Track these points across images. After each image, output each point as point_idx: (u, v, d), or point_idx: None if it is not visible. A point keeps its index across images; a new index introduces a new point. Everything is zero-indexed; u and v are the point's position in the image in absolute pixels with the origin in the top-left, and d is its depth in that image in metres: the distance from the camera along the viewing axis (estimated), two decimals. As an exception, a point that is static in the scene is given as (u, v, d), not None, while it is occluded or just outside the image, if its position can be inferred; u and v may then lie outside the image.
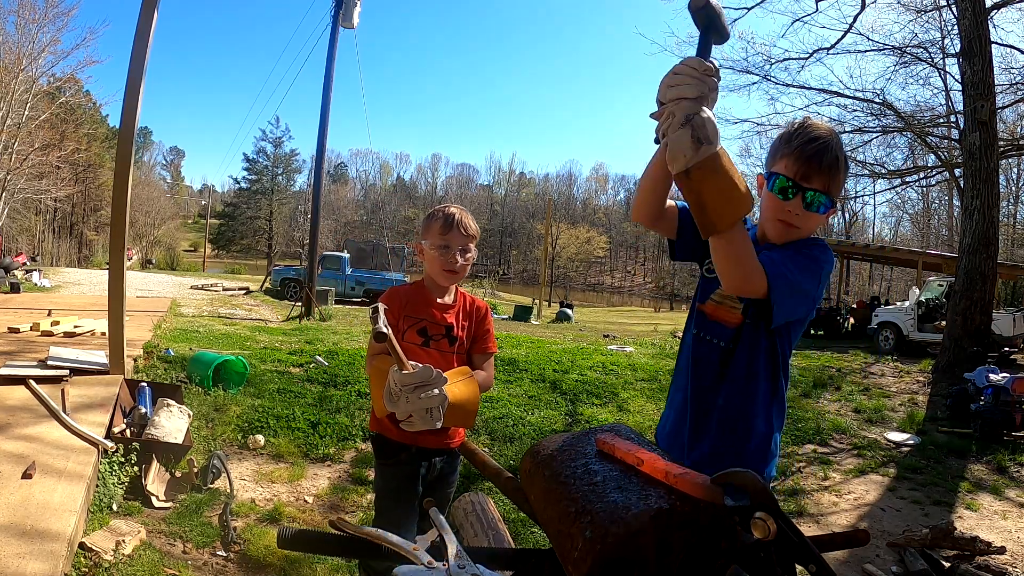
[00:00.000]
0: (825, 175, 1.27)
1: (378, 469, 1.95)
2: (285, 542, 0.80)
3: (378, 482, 1.95)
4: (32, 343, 5.43)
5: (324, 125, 12.39)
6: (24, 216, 30.50)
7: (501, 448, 4.50)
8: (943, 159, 12.48)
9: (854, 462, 4.94)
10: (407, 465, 1.83)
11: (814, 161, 1.26)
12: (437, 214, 1.85)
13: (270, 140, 51.31)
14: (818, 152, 1.26)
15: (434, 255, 1.81)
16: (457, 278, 1.86)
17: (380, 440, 1.87)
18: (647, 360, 7.80)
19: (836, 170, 1.28)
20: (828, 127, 1.34)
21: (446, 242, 1.80)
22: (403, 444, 1.82)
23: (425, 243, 1.84)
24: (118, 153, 4.43)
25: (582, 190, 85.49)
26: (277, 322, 10.86)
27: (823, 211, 1.29)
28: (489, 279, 34.41)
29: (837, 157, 1.27)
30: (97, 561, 2.41)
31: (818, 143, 1.26)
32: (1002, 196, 16.36)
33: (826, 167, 1.26)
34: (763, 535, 0.58)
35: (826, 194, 1.28)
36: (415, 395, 1.38)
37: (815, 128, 1.30)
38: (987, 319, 8.33)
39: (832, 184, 1.28)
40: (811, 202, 1.27)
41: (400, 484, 1.85)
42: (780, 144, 1.33)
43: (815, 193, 1.27)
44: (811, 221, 1.30)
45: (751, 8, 11.27)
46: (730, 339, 1.37)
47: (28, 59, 22.50)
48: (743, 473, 0.60)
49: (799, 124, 1.33)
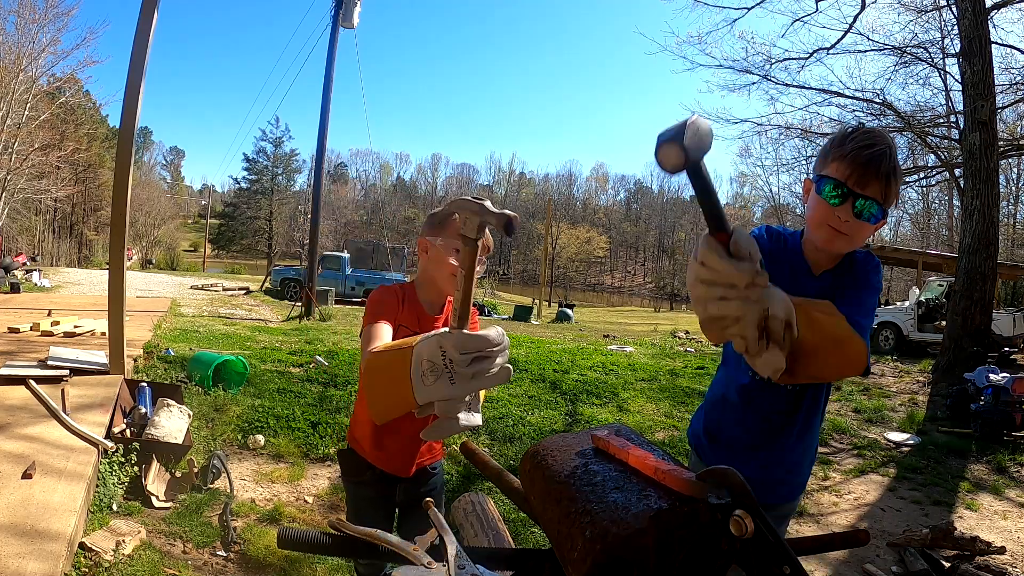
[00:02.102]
0: (881, 183, 1.17)
1: (346, 489, 1.85)
2: (285, 542, 0.80)
3: (348, 503, 1.85)
4: (32, 343, 5.43)
5: (324, 125, 12.40)
6: (24, 216, 30.49)
7: (501, 448, 4.50)
8: (943, 159, 12.48)
9: (854, 462, 4.94)
10: (371, 486, 1.71)
11: (871, 167, 1.16)
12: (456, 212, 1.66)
13: (270, 140, 51.34)
14: (875, 158, 1.16)
15: (447, 256, 1.56)
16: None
17: (345, 455, 1.74)
18: (647, 360, 7.80)
19: (893, 179, 1.18)
20: (886, 134, 1.25)
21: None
22: (367, 463, 1.68)
23: (437, 240, 1.58)
24: (118, 153, 4.42)
25: (582, 190, 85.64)
26: (277, 322, 10.85)
27: (874, 221, 1.20)
28: (489, 279, 34.42)
29: (895, 166, 1.18)
30: (97, 561, 2.41)
31: (876, 149, 1.16)
32: (1002, 196, 16.38)
33: (883, 175, 1.16)
34: (739, 533, 0.58)
35: (879, 203, 1.18)
36: (474, 369, 0.87)
37: (872, 133, 1.20)
38: (987, 319, 8.32)
39: (888, 193, 1.18)
40: (861, 210, 1.18)
41: (365, 507, 1.74)
42: (832, 146, 1.23)
43: (867, 201, 1.17)
44: (862, 231, 1.21)
45: (751, 8, 11.27)
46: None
47: (28, 59, 22.49)
48: (725, 470, 0.60)
49: (854, 127, 1.23)
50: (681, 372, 7.19)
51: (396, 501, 1.78)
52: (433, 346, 0.87)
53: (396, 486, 1.74)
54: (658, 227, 76.32)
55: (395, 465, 1.70)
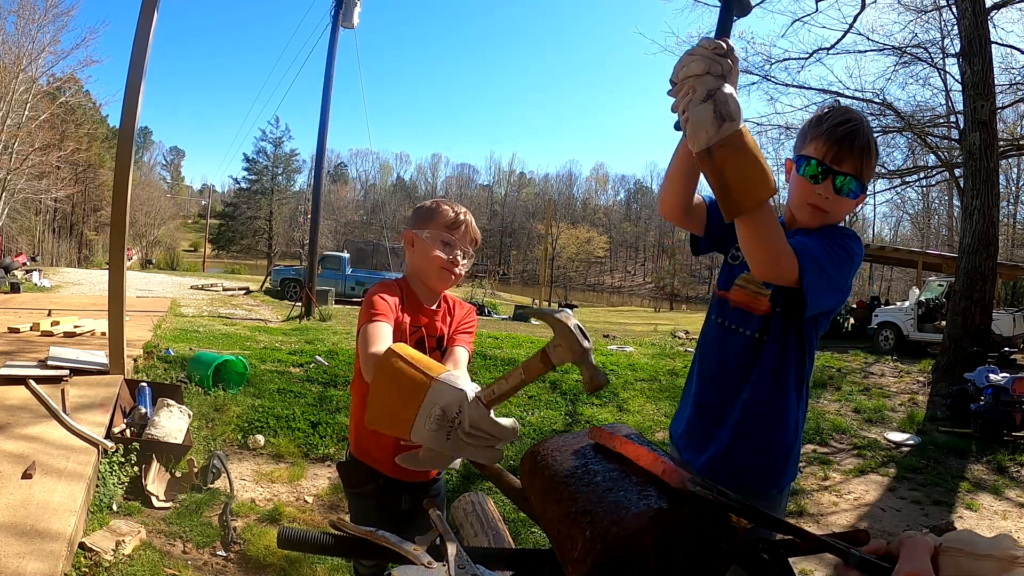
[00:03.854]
0: (856, 158, 1.23)
1: (348, 500, 1.80)
2: (285, 542, 0.80)
3: (351, 513, 1.81)
4: (32, 343, 5.43)
5: (324, 125, 12.40)
6: (24, 216, 30.49)
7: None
8: (943, 159, 12.47)
9: (854, 462, 4.94)
10: (375, 496, 1.65)
11: (845, 144, 1.22)
12: (443, 206, 1.63)
13: (270, 140, 51.32)
14: (849, 134, 1.22)
15: (434, 248, 1.57)
16: (452, 282, 1.63)
17: (346, 466, 1.69)
18: (647, 360, 7.80)
19: (868, 154, 1.24)
20: (858, 112, 1.31)
21: (451, 238, 1.59)
22: (371, 472, 1.62)
23: (423, 233, 1.58)
24: (118, 153, 4.42)
25: (582, 190, 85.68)
26: (277, 322, 10.85)
27: (853, 196, 1.26)
28: (489, 279, 34.43)
29: (868, 140, 1.24)
30: (97, 561, 2.41)
31: (849, 125, 1.23)
32: (1002, 196, 16.37)
33: (857, 150, 1.22)
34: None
35: (857, 178, 1.25)
36: (474, 442, 0.86)
37: (845, 111, 1.27)
38: (987, 319, 8.32)
39: (864, 168, 1.25)
40: (841, 186, 1.24)
41: (370, 517, 1.67)
42: (809, 127, 1.29)
43: (845, 177, 1.24)
44: (841, 206, 1.27)
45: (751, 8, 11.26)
46: (758, 328, 1.32)
47: (28, 59, 22.50)
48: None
49: (829, 107, 1.30)
50: (681, 372, 7.18)
51: (401, 510, 1.73)
52: (454, 402, 0.84)
53: (401, 495, 1.70)
54: (658, 227, 76.26)
55: (406, 471, 1.67)
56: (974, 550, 0.53)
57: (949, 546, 0.55)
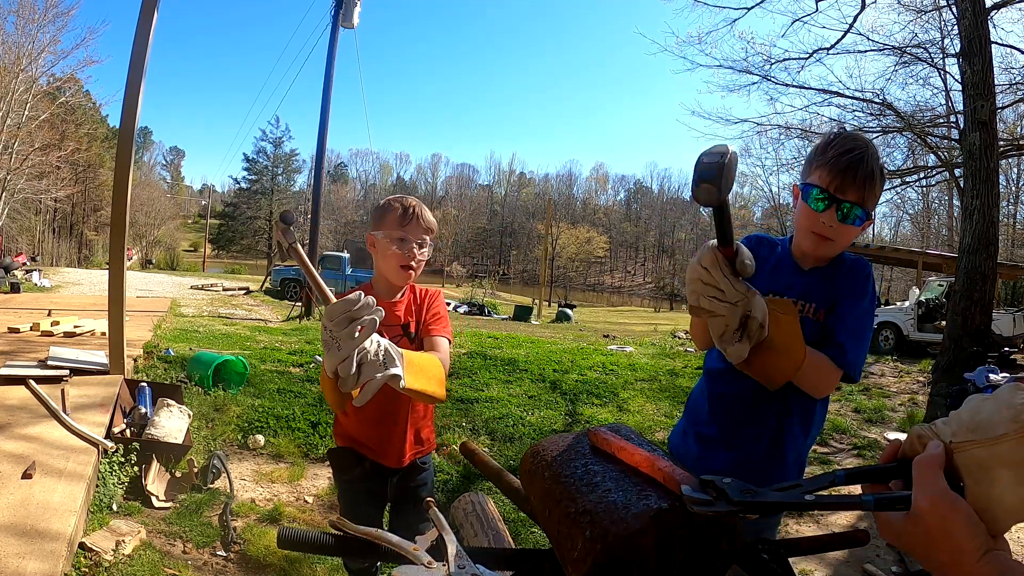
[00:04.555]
0: (860, 187, 1.25)
1: (337, 487, 1.91)
2: (285, 542, 0.80)
3: (340, 500, 1.91)
4: (32, 343, 5.43)
5: (324, 125, 12.40)
6: (24, 216, 30.49)
7: (501, 448, 4.50)
8: (943, 159, 12.46)
9: (854, 462, 4.94)
10: (363, 481, 1.75)
11: (849, 173, 1.24)
12: (393, 203, 1.71)
13: (270, 140, 51.33)
14: (853, 163, 1.24)
15: (390, 248, 1.66)
16: (413, 276, 1.70)
17: (336, 452, 1.79)
18: (647, 360, 7.80)
19: (872, 182, 1.25)
20: (864, 138, 1.33)
21: (403, 234, 1.66)
22: (357, 456, 1.74)
23: (379, 234, 1.68)
24: (118, 153, 4.42)
25: (582, 190, 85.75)
26: (277, 322, 10.85)
27: (859, 223, 1.28)
28: (489, 279, 34.44)
29: (872, 169, 1.25)
30: (97, 561, 2.41)
31: (853, 154, 1.24)
32: (1002, 196, 16.37)
33: (861, 179, 1.24)
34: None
35: (861, 207, 1.26)
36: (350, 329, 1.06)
37: (850, 138, 1.29)
38: (987, 319, 8.31)
39: (867, 197, 1.26)
40: (846, 215, 1.26)
41: (357, 502, 1.78)
42: (815, 155, 1.31)
43: (850, 206, 1.25)
44: (846, 234, 1.29)
45: (751, 8, 11.25)
46: None
47: (28, 59, 22.50)
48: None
49: (835, 135, 1.32)
50: (681, 372, 7.18)
51: (388, 495, 1.81)
52: (321, 329, 1.09)
53: (387, 480, 1.78)
54: (658, 227, 76.33)
55: (390, 455, 1.74)
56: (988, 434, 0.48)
57: (959, 442, 0.50)
